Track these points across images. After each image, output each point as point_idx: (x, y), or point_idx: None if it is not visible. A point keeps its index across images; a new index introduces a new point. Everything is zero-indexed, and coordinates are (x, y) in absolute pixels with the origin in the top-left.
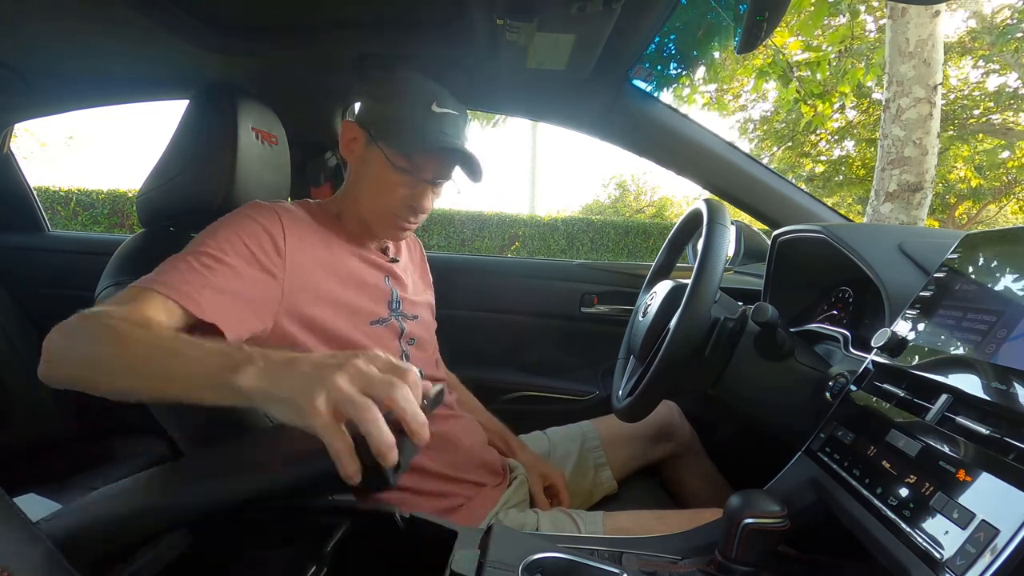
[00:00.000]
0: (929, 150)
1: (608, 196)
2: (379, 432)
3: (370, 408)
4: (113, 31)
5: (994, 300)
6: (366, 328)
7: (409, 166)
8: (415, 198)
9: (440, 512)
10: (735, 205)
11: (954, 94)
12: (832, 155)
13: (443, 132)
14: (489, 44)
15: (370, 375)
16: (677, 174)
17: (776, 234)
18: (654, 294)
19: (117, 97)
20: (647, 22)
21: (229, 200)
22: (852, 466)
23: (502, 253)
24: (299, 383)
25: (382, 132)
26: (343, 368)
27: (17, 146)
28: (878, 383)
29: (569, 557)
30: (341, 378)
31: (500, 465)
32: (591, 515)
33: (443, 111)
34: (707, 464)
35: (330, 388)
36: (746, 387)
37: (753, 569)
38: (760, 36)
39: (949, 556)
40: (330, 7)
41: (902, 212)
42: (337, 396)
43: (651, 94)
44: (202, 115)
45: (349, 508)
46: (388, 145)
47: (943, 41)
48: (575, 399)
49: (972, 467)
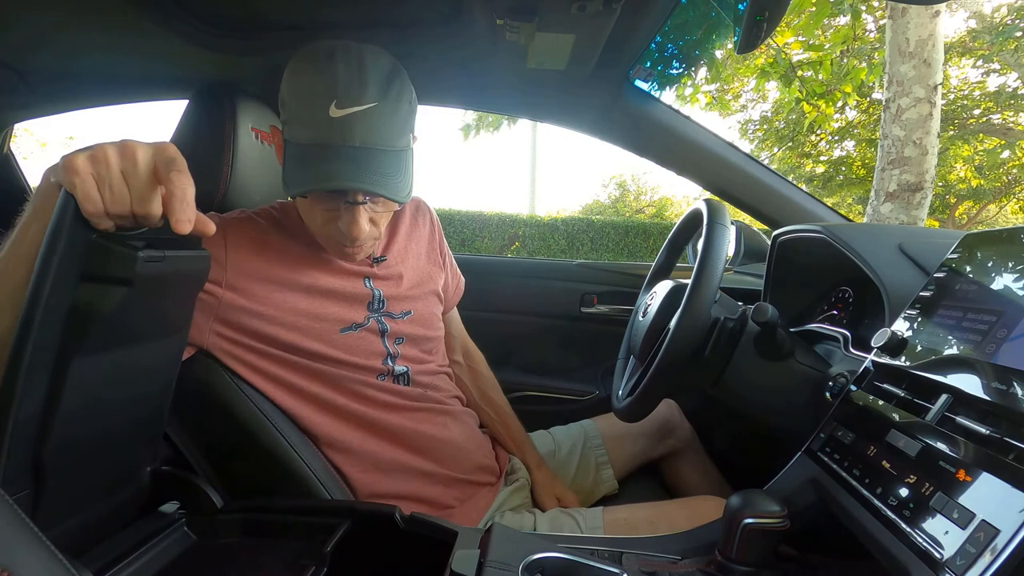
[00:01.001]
0: (929, 150)
1: (608, 196)
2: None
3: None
4: (113, 31)
5: (994, 300)
6: (334, 337)
7: (312, 195)
8: (341, 221)
9: (433, 514)
10: (735, 205)
11: (954, 94)
12: (832, 155)
13: (333, 162)
14: (489, 44)
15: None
16: (677, 174)
17: (776, 234)
18: (654, 294)
19: (117, 97)
20: (647, 22)
21: (228, 200)
22: (852, 466)
23: (502, 253)
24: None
25: (286, 150)
26: (116, 145)
27: (17, 146)
28: (878, 383)
29: (569, 557)
30: (109, 148)
31: (497, 464)
32: (591, 511)
33: (345, 113)
34: (706, 461)
35: (93, 149)
36: (746, 387)
37: (753, 569)
38: (760, 36)
39: (949, 556)
40: (330, 7)
41: (902, 212)
42: (96, 154)
43: (651, 94)
44: (201, 115)
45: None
46: (283, 174)
47: (943, 41)
48: (575, 399)
49: (972, 467)
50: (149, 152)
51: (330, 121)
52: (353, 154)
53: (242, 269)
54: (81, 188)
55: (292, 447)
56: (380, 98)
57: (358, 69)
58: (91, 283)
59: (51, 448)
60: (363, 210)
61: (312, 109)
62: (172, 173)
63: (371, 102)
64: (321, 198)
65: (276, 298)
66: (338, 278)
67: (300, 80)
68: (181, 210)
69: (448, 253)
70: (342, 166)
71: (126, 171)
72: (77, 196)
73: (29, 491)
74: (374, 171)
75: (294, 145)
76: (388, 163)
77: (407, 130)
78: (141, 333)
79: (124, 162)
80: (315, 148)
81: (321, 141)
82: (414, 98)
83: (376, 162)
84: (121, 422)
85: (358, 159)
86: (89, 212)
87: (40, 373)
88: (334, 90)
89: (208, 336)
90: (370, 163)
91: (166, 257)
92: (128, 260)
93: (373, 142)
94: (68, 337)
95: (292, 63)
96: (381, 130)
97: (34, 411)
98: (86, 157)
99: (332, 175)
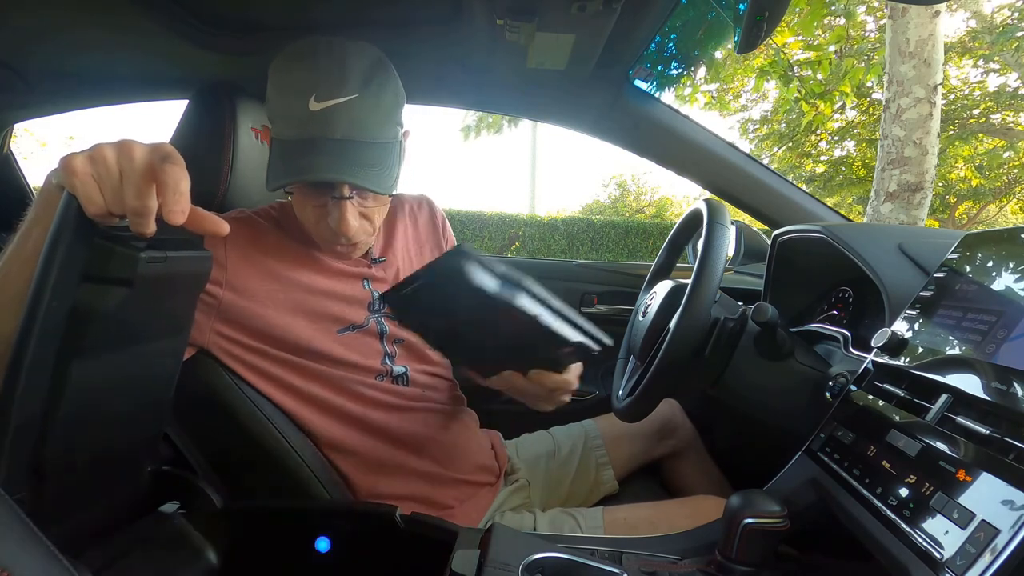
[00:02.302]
0: (929, 150)
1: (608, 196)
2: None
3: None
4: (113, 31)
5: (994, 300)
6: (332, 337)
7: (300, 190)
8: (330, 217)
9: (433, 514)
10: (735, 205)
11: (954, 94)
12: (833, 155)
13: (313, 155)
14: (489, 44)
15: (135, 157)
16: (677, 174)
17: (776, 234)
18: (654, 294)
19: (117, 97)
20: (647, 22)
21: (228, 200)
22: (852, 466)
23: (502, 253)
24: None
25: (272, 146)
26: (114, 145)
27: (17, 146)
28: (878, 383)
29: (569, 557)
30: (107, 148)
31: (497, 464)
32: (591, 511)
33: (324, 105)
34: (707, 461)
35: (92, 150)
36: (746, 387)
37: (753, 569)
38: (760, 36)
39: (949, 556)
40: (330, 7)
41: (902, 212)
42: (94, 155)
43: (651, 94)
44: (202, 115)
45: (349, 508)
46: (267, 169)
47: (943, 41)
48: (575, 399)
49: (972, 467)
50: (146, 149)
51: (310, 115)
52: (333, 147)
53: (242, 269)
54: (82, 189)
55: (292, 447)
56: (360, 90)
57: (338, 62)
58: (92, 284)
59: (52, 448)
60: (351, 205)
61: (292, 104)
62: (166, 166)
63: (351, 94)
64: (309, 194)
65: (276, 298)
66: (337, 278)
67: (281, 76)
68: (174, 200)
69: (453, 242)
70: (321, 158)
71: (124, 169)
72: (79, 197)
73: (29, 491)
74: (355, 163)
75: (278, 142)
76: (371, 155)
77: (392, 122)
78: (142, 334)
79: (122, 160)
80: (297, 143)
81: (302, 136)
82: (400, 91)
83: (358, 154)
84: (122, 422)
85: (338, 151)
86: (92, 212)
87: (41, 374)
88: (314, 83)
89: (208, 336)
90: (351, 155)
91: (168, 258)
92: (130, 261)
93: (354, 135)
94: (69, 337)
95: (275, 61)
96: (363, 122)
97: (35, 412)
98: (85, 158)
99: (311, 168)
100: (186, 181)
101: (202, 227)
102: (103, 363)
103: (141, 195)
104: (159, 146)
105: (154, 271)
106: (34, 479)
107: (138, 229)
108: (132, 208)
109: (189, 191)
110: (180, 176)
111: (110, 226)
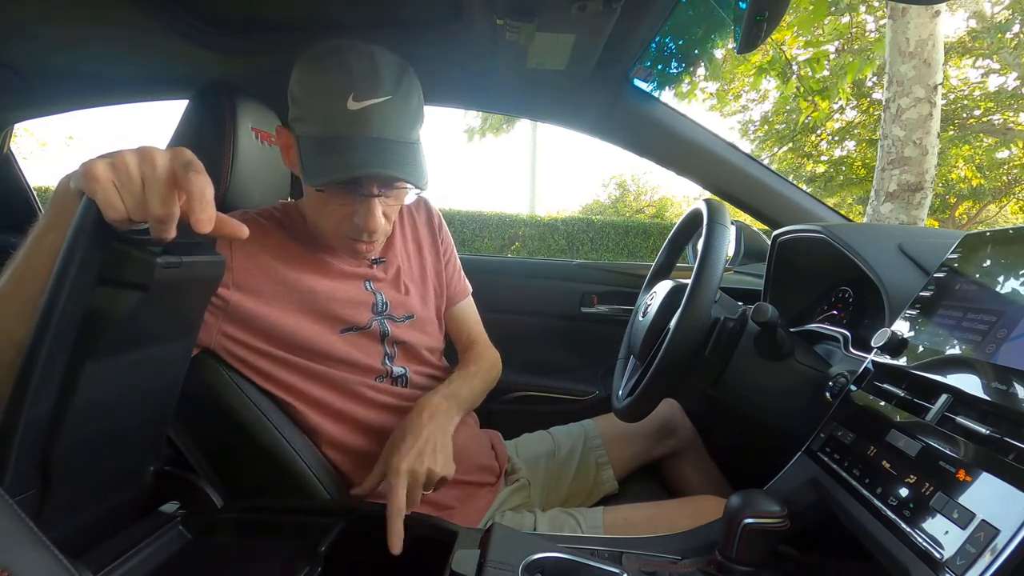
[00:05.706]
0: (929, 150)
1: (608, 196)
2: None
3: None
4: (113, 31)
5: (994, 300)
6: (334, 337)
7: (329, 188)
8: (357, 215)
9: (433, 514)
10: (735, 205)
11: (954, 94)
12: (833, 155)
13: (354, 152)
14: (489, 44)
15: (156, 164)
16: (677, 174)
17: (776, 234)
18: (654, 294)
19: (117, 97)
20: (647, 22)
21: (228, 200)
22: (852, 466)
23: (502, 253)
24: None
25: (301, 145)
26: (135, 152)
27: (17, 146)
28: (878, 383)
29: (569, 557)
30: (129, 155)
31: (497, 464)
32: (591, 511)
33: (363, 105)
34: (707, 461)
35: (113, 157)
36: (746, 387)
37: (753, 569)
38: (760, 36)
39: (949, 556)
40: (330, 7)
41: (902, 212)
42: (116, 161)
43: (651, 94)
44: (202, 115)
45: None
46: (302, 169)
47: (943, 41)
48: (575, 399)
49: (972, 467)
50: (167, 156)
51: (349, 114)
52: (374, 144)
53: (248, 269)
54: (103, 195)
55: (293, 448)
56: (394, 91)
57: (371, 65)
58: (107, 287)
59: (59, 449)
60: (378, 202)
61: (330, 103)
62: (191, 174)
63: (386, 95)
64: (337, 192)
65: (282, 298)
66: (340, 279)
67: (314, 77)
68: (201, 209)
69: (450, 243)
70: (364, 155)
71: (146, 176)
72: (99, 203)
73: (35, 491)
74: (396, 160)
75: (311, 140)
76: (406, 153)
77: (418, 123)
78: (153, 336)
79: (144, 167)
80: (333, 140)
81: (341, 133)
82: (421, 94)
83: (394, 151)
84: (128, 423)
85: (380, 149)
86: (111, 218)
87: (53, 376)
88: (351, 84)
89: (215, 337)
90: (392, 152)
91: (183, 263)
92: (146, 266)
93: (388, 133)
94: (81, 340)
95: (301, 63)
96: (396, 122)
97: (45, 413)
98: (107, 164)
99: (356, 164)
100: (210, 188)
101: (222, 231)
102: (114, 365)
103: (166, 203)
104: (179, 152)
105: (169, 276)
106: (40, 478)
107: (159, 235)
108: (156, 215)
109: (214, 198)
110: (204, 184)
111: (127, 231)
